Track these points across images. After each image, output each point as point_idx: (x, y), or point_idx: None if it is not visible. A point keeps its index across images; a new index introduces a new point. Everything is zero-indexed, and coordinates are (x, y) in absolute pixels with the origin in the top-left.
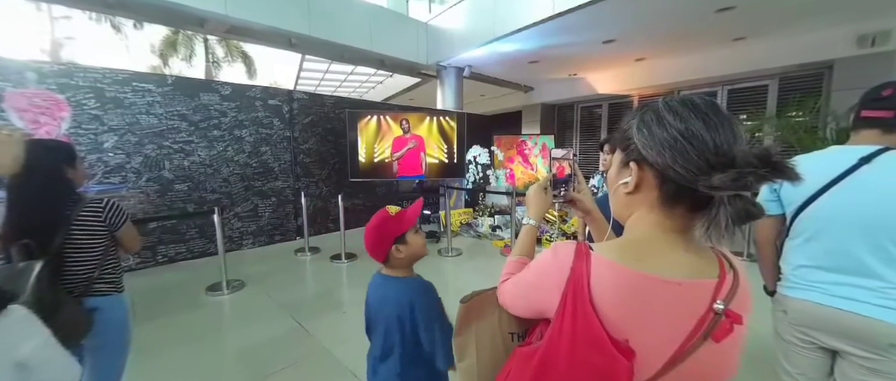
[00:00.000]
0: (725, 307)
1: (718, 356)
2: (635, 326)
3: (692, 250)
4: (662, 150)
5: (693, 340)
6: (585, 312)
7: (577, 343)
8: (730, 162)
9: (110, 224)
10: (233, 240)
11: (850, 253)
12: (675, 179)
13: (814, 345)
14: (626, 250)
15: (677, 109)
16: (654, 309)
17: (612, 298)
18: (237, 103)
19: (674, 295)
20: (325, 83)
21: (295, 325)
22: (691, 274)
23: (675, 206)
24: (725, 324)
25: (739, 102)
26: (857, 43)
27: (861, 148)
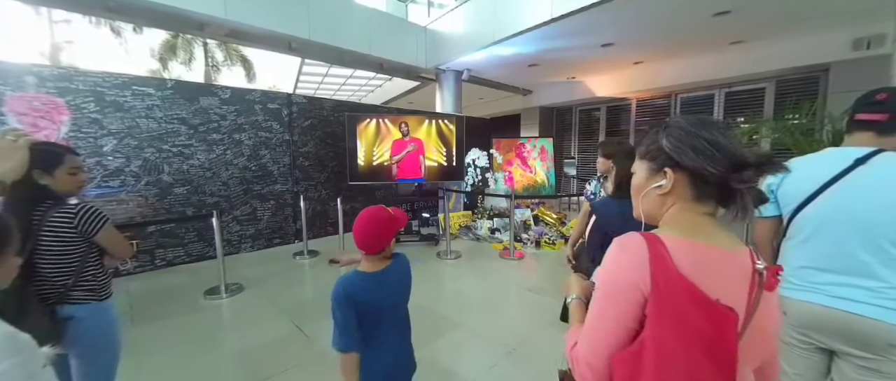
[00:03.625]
0: (765, 267)
1: (774, 311)
2: (716, 287)
3: (724, 230)
4: (696, 156)
5: (754, 294)
6: (680, 281)
7: (682, 312)
8: (746, 162)
9: (84, 231)
10: (231, 243)
11: (847, 253)
12: (708, 178)
13: (812, 346)
14: (681, 228)
15: (698, 125)
16: (720, 270)
17: (693, 266)
18: (236, 107)
19: (731, 260)
20: (324, 87)
21: (293, 329)
22: (732, 246)
23: (707, 199)
24: (771, 276)
25: (736, 105)
26: (852, 46)
27: (856, 150)
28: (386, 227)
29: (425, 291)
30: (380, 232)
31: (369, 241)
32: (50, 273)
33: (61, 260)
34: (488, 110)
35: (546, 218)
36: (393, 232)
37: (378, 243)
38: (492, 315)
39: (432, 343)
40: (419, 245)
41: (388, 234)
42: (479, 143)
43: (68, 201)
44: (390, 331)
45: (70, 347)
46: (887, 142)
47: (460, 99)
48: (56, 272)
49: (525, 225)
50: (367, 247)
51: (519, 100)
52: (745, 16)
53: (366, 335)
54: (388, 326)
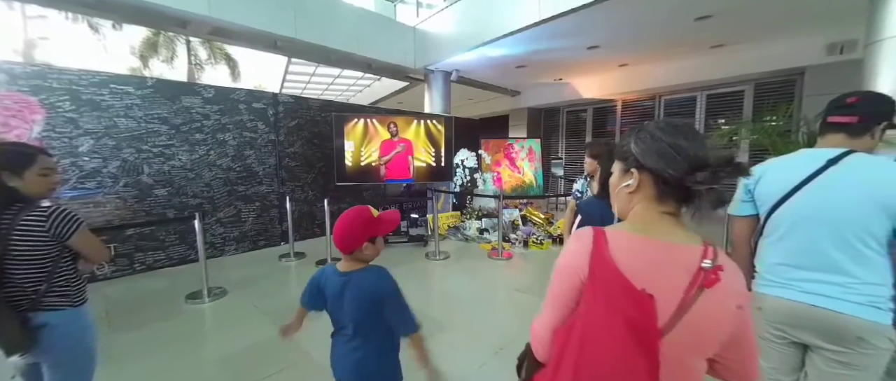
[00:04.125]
0: (712, 265)
1: (716, 306)
2: (648, 278)
3: (681, 228)
4: (656, 158)
5: (693, 290)
6: (611, 269)
7: (609, 297)
8: (705, 165)
9: (57, 234)
10: (215, 246)
11: (819, 250)
12: (668, 179)
13: (787, 340)
14: (635, 224)
15: (665, 129)
16: (659, 264)
17: (628, 257)
18: (220, 106)
19: (672, 254)
20: (311, 86)
21: (279, 332)
22: (683, 241)
23: (668, 198)
24: (711, 273)
25: (717, 107)
26: (826, 51)
27: (828, 151)
28: (359, 227)
29: (414, 292)
30: (352, 231)
31: (340, 238)
32: (21, 279)
33: (33, 265)
34: (477, 111)
35: (534, 218)
36: (366, 234)
37: (348, 242)
38: (480, 315)
39: None
40: (408, 246)
41: (359, 235)
42: (467, 143)
43: (40, 204)
44: (355, 337)
45: (43, 355)
46: (858, 143)
47: (449, 100)
48: (27, 278)
49: (513, 225)
50: (339, 244)
51: (507, 101)
52: (726, 20)
53: (335, 325)
54: (350, 329)
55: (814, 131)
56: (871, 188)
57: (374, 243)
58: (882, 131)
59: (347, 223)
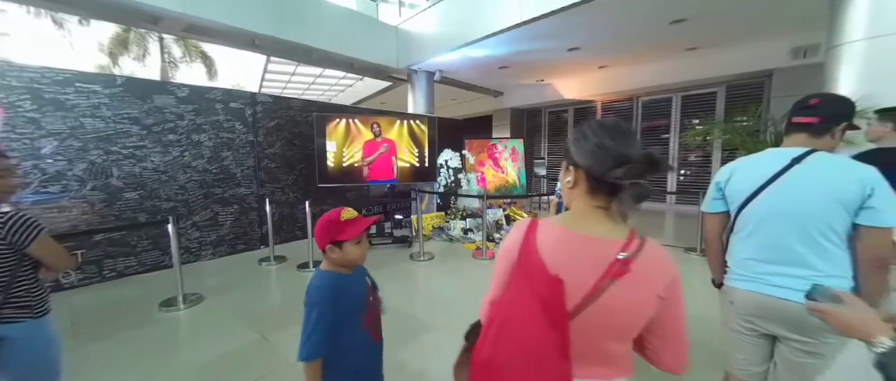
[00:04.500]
0: (627, 258)
1: (628, 295)
2: (565, 265)
3: (611, 221)
4: (586, 157)
5: (605, 280)
6: (534, 256)
7: (529, 279)
8: (627, 162)
9: (14, 242)
10: (190, 251)
11: (785, 245)
12: (595, 175)
13: (757, 332)
14: (565, 217)
15: (594, 129)
16: (577, 254)
17: (550, 246)
18: (195, 106)
19: (591, 246)
20: (291, 86)
21: (259, 338)
22: (606, 234)
23: (598, 193)
24: (621, 265)
25: (692, 108)
26: (791, 55)
27: (793, 150)
28: (321, 228)
29: (398, 293)
30: (317, 232)
31: (316, 238)
32: None
33: None
34: (460, 111)
35: (518, 217)
36: (326, 237)
37: (318, 241)
38: (465, 316)
39: (405, 346)
40: (392, 247)
41: (319, 236)
42: (451, 144)
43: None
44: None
45: (3, 371)
46: (820, 143)
47: (433, 100)
48: None
49: (497, 225)
50: (318, 243)
51: (490, 101)
52: (699, 24)
53: None
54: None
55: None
56: (831, 186)
57: (341, 248)
58: (842, 132)
59: (318, 223)
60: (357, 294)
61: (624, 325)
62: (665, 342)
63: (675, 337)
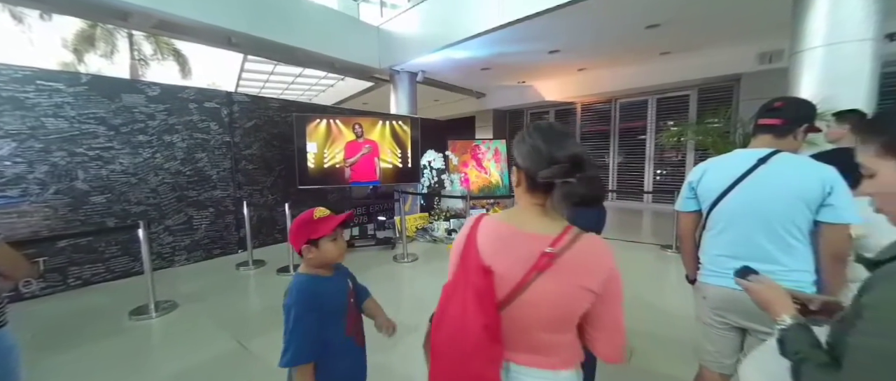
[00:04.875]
0: (553, 252)
1: (554, 287)
2: (497, 257)
3: (547, 218)
4: (523, 158)
5: (532, 273)
6: (472, 248)
7: (467, 268)
8: (556, 162)
9: None
10: (163, 256)
11: (753, 242)
12: (530, 175)
13: (727, 325)
14: (507, 213)
15: (531, 132)
16: (509, 248)
17: (486, 239)
18: (167, 106)
19: (522, 240)
20: (270, 85)
21: (236, 345)
22: (538, 230)
23: (536, 191)
24: (545, 259)
25: (666, 110)
26: (758, 60)
27: (759, 151)
28: (296, 229)
29: (381, 295)
30: (292, 233)
31: (291, 240)
32: None
33: None
34: (443, 112)
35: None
36: (302, 237)
37: (293, 243)
38: None
39: (389, 349)
40: (375, 249)
41: (295, 237)
42: (434, 144)
43: None
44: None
45: None
46: (783, 143)
47: (415, 100)
48: None
49: None
50: (293, 245)
51: (473, 102)
52: (672, 29)
53: None
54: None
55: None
56: (794, 185)
57: (317, 248)
58: (804, 133)
59: (292, 225)
60: (336, 296)
61: (552, 316)
62: (601, 333)
63: (610, 329)
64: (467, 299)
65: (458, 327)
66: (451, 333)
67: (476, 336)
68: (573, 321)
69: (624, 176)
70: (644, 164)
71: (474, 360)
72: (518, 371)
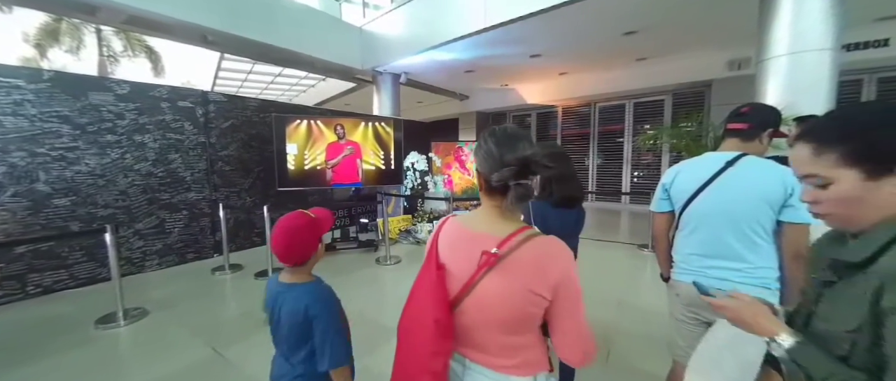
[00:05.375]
0: (498, 252)
1: (499, 288)
2: (450, 256)
3: (503, 219)
4: (480, 162)
5: (481, 271)
6: (433, 246)
7: (429, 265)
8: (507, 165)
9: None
10: (132, 262)
11: (722, 241)
12: (486, 178)
13: (698, 320)
14: (467, 215)
15: (487, 137)
16: (462, 247)
17: (445, 238)
18: (138, 104)
19: (475, 240)
20: (248, 85)
21: (212, 353)
22: (489, 231)
23: (494, 193)
24: (490, 257)
25: (643, 114)
26: (728, 67)
27: (727, 154)
28: (307, 234)
29: (365, 298)
30: (297, 240)
31: (286, 251)
32: None
33: None
34: (427, 114)
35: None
36: (317, 238)
37: (295, 253)
38: None
39: (372, 352)
40: (357, 252)
41: (312, 241)
42: (417, 146)
43: None
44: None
45: None
46: (750, 147)
47: (398, 102)
48: None
49: None
50: (284, 257)
51: (456, 104)
52: (648, 36)
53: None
54: (287, 346)
55: (719, 136)
56: (759, 187)
57: (321, 244)
58: (769, 138)
59: (294, 232)
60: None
61: (501, 317)
62: (560, 338)
63: (569, 335)
64: (426, 293)
65: (416, 318)
66: (410, 324)
67: (428, 328)
68: (527, 324)
69: (603, 178)
70: (622, 166)
71: (425, 350)
72: (472, 369)
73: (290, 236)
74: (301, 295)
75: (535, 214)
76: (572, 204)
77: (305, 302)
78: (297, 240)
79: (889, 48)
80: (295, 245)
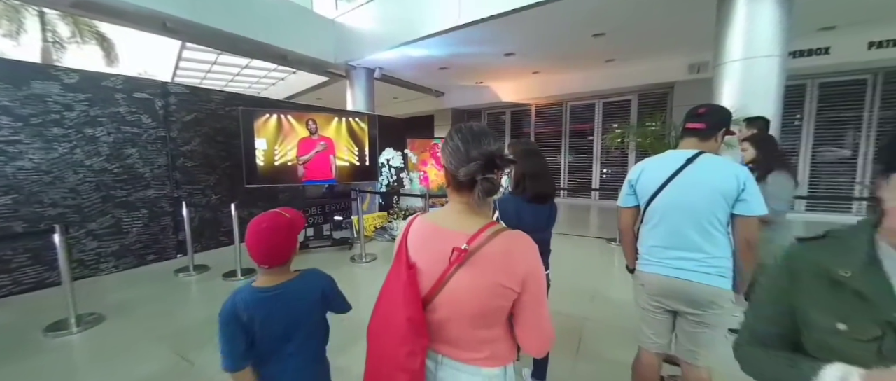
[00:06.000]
0: (467, 248)
1: (470, 282)
2: (420, 254)
3: (472, 215)
4: (447, 159)
5: (451, 268)
6: (403, 245)
7: (399, 264)
8: (473, 160)
9: None
10: (86, 264)
11: (682, 233)
12: (453, 174)
13: (662, 309)
14: (435, 212)
15: (453, 134)
16: (432, 245)
17: (412, 236)
18: (89, 95)
19: (444, 237)
20: (212, 76)
21: (177, 359)
22: (458, 227)
23: (461, 190)
24: (460, 254)
25: (611, 113)
26: (688, 70)
27: (687, 152)
28: (286, 234)
29: None
30: (281, 241)
31: (271, 253)
32: None
33: None
34: (402, 110)
35: None
36: (295, 237)
37: (280, 253)
38: None
39: (348, 351)
40: (331, 250)
41: (290, 242)
42: (393, 143)
43: None
44: (298, 346)
45: None
46: (706, 145)
47: (373, 97)
48: None
49: None
50: (269, 259)
51: (432, 101)
52: (616, 38)
53: (268, 350)
54: (293, 341)
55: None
56: (716, 182)
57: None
58: (722, 136)
59: (273, 233)
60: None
61: (473, 311)
62: (524, 330)
63: (533, 326)
64: (397, 292)
65: (387, 318)
66: (382, 323)
67: (401, 328)
68: (497, 317)
69: (574, 174)
70: (592, 163)
71: (399, 350)
72: (445, 363)
73: (273, 237)
74: (306, 283)
75: (510, 209)
76: (545, 200)
77: (321, 287)
78: (281, 240)
79: (830, 56)
80: (278, 246)
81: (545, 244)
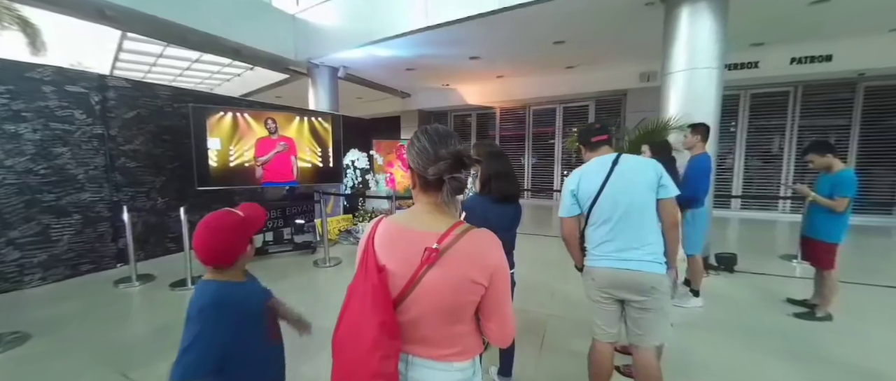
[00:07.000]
0: (437, 248)
1: (442, 280)
2: (388, 256)
3: (440, 214)
4: (414, 159)
5: (422, 268)
6: (369, 248)
7: (366, 268)
8: (442, 159)
9: None
10: (6, 277)
11: (624, 228)
12: (420, 174)
13: (611, 299)
14: (401, 214)
15: (419, 135)
16: (401, 247)
17: (379, 238)
18: (11, 87)
19: (410, 238)
20: (157, 70)
21: (117, 378)
22: (427, 227)
23: (428, 190)
24: (431, 253)
25: (571, 118)
26: (640, 78)
27: (609, 156)
28: (234, 235)
29: (302, 303)
30: (228, 241)
31: (219, 253)
32: None
33: None
34: (367, 111)
35: None
36: (246, 238)
37: (229, 253)
38: None
39: (313, 358)
40: (293, 255)
41: (240, 241)
42: (358, 144)
43: None
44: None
45: None
46: (614, 149)
47: (337, 97)
48: None
49: None
50: (212, 259)
51: (398, 102)
52: (575, 46)
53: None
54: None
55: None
56: (642, 177)
57: (252, 244)
58: None
59: (221, 232)
60: (258, 301)
61: (444, 309)
62: (490, 322)
63: (499, 318)
64: (365, 297)
65: (357, 324)
66: (351, 330)
67: (374, 333)
68: (466, 312)
69: (537, 176)
70: (554, 165)
71: (372, 355)
72: (415, 363)
73: (214, 236)
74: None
75: (477, 209)
76: (510, 200)
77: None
78: (223, 240)
79: (759, 69)
80: (220, 245)
81: (510, 243)
